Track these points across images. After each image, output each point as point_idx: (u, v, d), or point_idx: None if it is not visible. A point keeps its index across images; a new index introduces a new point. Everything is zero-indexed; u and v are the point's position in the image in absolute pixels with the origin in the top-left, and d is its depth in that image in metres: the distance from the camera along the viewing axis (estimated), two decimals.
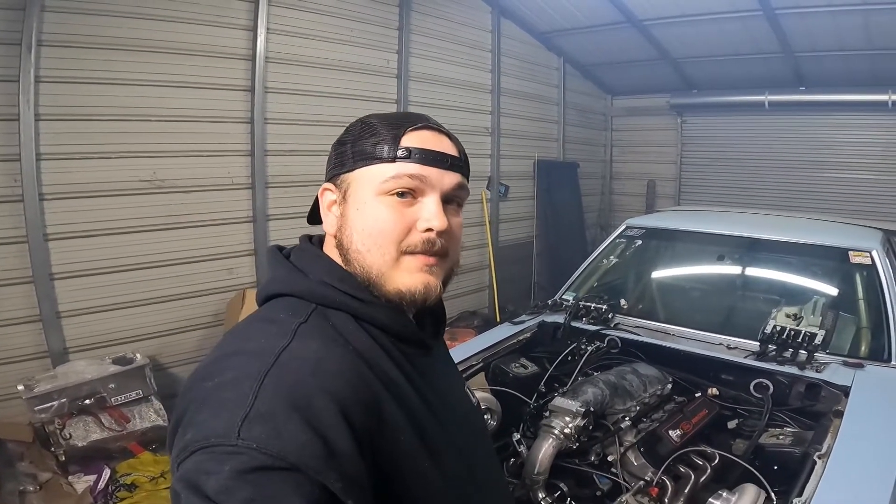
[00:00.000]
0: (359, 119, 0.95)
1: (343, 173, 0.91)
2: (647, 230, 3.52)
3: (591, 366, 2.47)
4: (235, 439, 0.66)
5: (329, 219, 0.94)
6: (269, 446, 0.66)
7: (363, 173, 0.89)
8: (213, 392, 0.73)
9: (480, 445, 1.08)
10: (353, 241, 0.89)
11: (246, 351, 0.78)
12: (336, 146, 0.94)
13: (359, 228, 0.88)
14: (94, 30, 3.60)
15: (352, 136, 0.92)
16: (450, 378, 1.07)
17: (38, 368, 3.47)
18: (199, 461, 0.67)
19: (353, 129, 0.94)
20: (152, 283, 3.99)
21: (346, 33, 5.00)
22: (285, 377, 0.73)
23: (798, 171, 7.20)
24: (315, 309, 0.85)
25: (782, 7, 5.44)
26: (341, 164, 0.91)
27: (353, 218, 0.89)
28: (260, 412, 0.68)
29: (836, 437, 1.73)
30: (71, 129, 3.59)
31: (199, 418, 0.71)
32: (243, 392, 0.70)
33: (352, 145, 0.91)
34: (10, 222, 3.41)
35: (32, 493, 2.94)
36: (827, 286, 2.97)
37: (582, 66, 7.85)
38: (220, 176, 4.32)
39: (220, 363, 0.78)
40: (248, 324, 0.87)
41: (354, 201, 0.89)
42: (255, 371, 0.73)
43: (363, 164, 0.89)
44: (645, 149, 8.44)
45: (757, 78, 6.87)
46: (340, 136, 0.95)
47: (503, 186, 6.77)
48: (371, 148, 0.89)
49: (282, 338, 0.78)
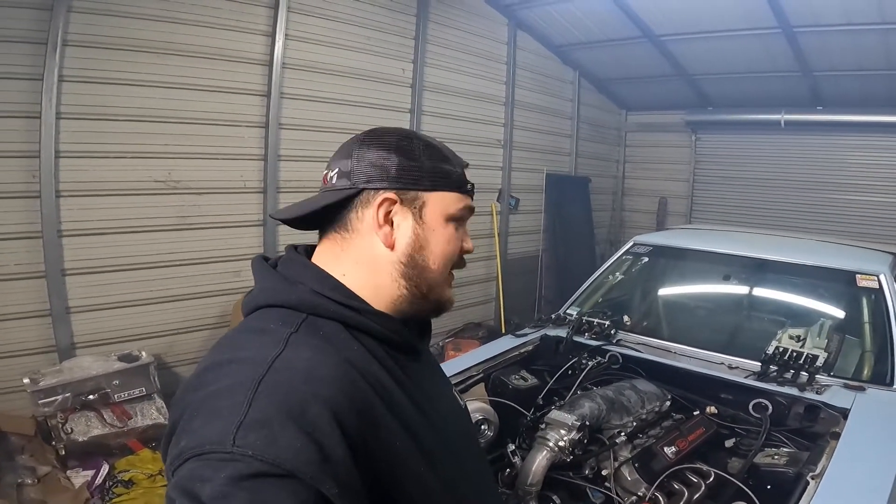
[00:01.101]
0: (409, 134, 0.96)
1: (418, 190, 0.93)
2: (654, 247, 3.51)
3: (591, 380, 2.46)
4: (231, 446, 0.67)
5: (385, 231, 0.91)
6: (264, 453, 0.66)
7: (441, 196, 0.94)
8: (206, 400, 0.74)
9: (471, 448, 1.10)
10: (428, 259, 0.93)
11: (239, 359, 0.78)
12: (400, 157, 0.92)
13: (434, 248, 0.94)
14: (117, 31, 3.69)
15: (420, 153, 0.93)
16: (438, 383, 1.09)
17: (45, 362, 3.54)
18: (194, 468, 0.67)
19: (416, 146, 0.94)
20: (161, 283, 4.06)
21: (362, 41, 5.07)
22: (279, 385, 0.73)
23: (812, 191, 7.15)
24: (305, 319, 0.85)
25: (801, 25, 5.42)
26: (415, 181, 0.92)
27: (430, 238, 0.93)
28: (255, 419, 0.69)
29: (831, 458, 1.72)
30: (90, 129, 3.67)
31: (193, 426, 0.72)
32: (237, 400, 0.71)
33: (428, 164, 0.93)
34: (25, 217, 3.49)
35: (30, 487, 2.96)
36: (833, 308, 2.94)
37: (597, 81, 7.87)
38: (233, 179, 4.39)
39: (213, 372, 0.78)
40: (237, 333, 0.87)
41: (431, 221, 0.93)
42: (248, 379, 0.73)
43: (443, 188, 0.95)
44: (658, 165, 8.42)
45: (773, 96, 6.84)
46: (398, 145, 0.93)
47: (514, 199, 6.78)
48: (447, 174, 0.95)
49: (274, 346, 0.79)
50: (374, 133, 0.95)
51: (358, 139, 0.95)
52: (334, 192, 0.93)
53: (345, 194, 0.92)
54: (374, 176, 0.91)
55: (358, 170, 0.91)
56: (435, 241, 0.94)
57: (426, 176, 0.93)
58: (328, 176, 0.95)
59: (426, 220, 0.93)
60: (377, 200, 0.91)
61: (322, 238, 0.97)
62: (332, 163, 0.96)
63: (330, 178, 0.94)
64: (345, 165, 0.93)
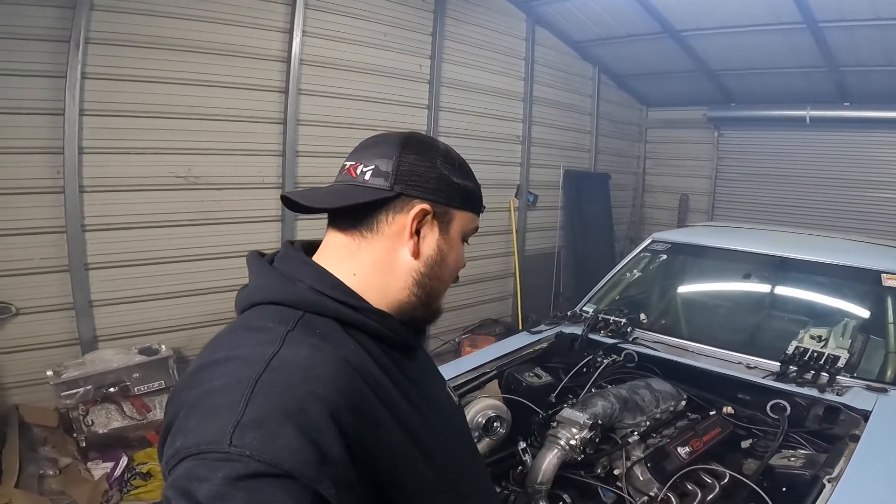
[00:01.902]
0: (449, 148, 0.98)
1: (451, 207, 0.95)
2: (672, 245, 3.47)
3: (605, 379, 2.45)
4: (228, 446, 0.66)
5: (414, 243, 0.92)
6: (262, 453, 0.66)
7: (464, 216, 0.97)
8: (202, 398, 0.73)
9: (467, 446, 1.10)
10: (444, 272, 0.96)
11: (235, 357, 0.77)
12: (443, 170, 0.93)
13: (449, 263, 0.97)
14: (139, 29, 3.74)
15: (457, 170, 0.96)
16: (433, 380, 1.08)
17: (68, 355, 3.61)
18: (190, 468, 0.67)
19: (455, 162, 0.96)
20: (181, 277, 4.12)
21: (380, 38, 5.07)
22: (277, 383, 0.72)
23: (838, 189, 6.99)
24: (302, 317, 0.84)
25: (827, 20, 5.29)
26: (450, 197, 0.94)
27: (448, 253, 0.96)
28: (252, 419, 0.68)
29: (849, 461, 1.68)
30: (112, 125, 3.73)
31: (189, 425, 0.71)
32: (234, 399, 0.70)
33: (461, 182, 0.96)
34: (50, 213, 3.56)
35: (52, 478, 3.01)
36: (858, 308, 2.87)
37: (617, 77, 7.78)
38: (251, 175, 4.43)
39: (208, 370, 0.78)
40: (232, 331, 0.86)
41: (450, 238, 0.96)
42: (245, 377, 0.72)
43: (469, 208, 0.98)
44: (679, 162, 8.31)
45: (798, 92, 6.70)
46: (442, 158, 0.94)
47: (532, 195, 6.74)
48: (473, 195, 0.99)
49: (271, 344, 0.78)
50: (417, 139, 0.95)
51: (400, 140, 0.93)
52: (368, 189, 0.90)
53: (381, 195, 0.90)
54: (416, 184, 0.91)
55: (399, 173, 0.90)
56: (451, 255, 0.97)
57: (460, 194, 0.96)
58: (357, 170, 0.92)
59: (450, 235, 0.96)
60: (414, 209, 0.90)
61: (335, 231, 0.95)
62: (364, 158, 0.93)
63: (360, 173, 0.91)
64: (384, 165, 0.90)
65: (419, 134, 0.98)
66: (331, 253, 0.94)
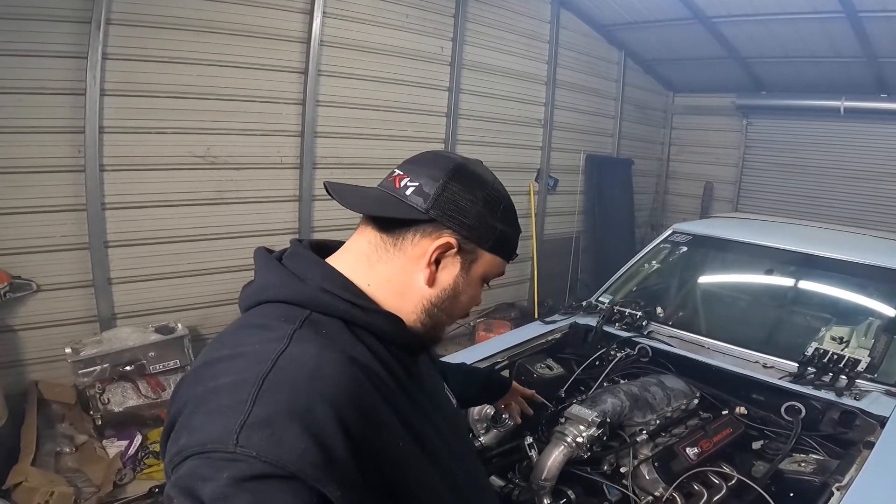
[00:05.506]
0: (500, 188, 0.95)
1: (480, 247, 0.92)
2: (693, 237, 3.38)
3: (618, 373, 2.42)
4: (233, 446, 0.66)
5: (430, 271, 0.90)
6: (268, 454, 0.65)
7: (491, 259, 0.95)
8: (208, 396, 0.73)
9: (466, 446, 1.10)
10: (455, 308, 0.95)
11: (242, 354, 0.77)
12: (483, 209, 0.91)
13: (462, 300, 0.95)
14: (159, 10, 3.74)
15: (500, 213, 0.93)
16: (434, 381, 1.08)
17: (87, 332, 3.68)
18: (194, 467, 0.67)
19: (499, 205, 0.93)
20: (198, 256, 4.16)
21: (401, 19, 5.01)
22: (284, 383, 0.72)
23: (870, 183, 6.77)
24: (309, 316, 0.83)
25: (867, 10, 5.11)
26: (482, 238, 0.91)
27: (464, 290, 0.94)
28: (259, 418, 0.68)
29: (861, 468, 1.63)
30: (132, 105, 3.75)
31: (194, 423, 0.71)
32: (241, 398, 0.70)
33: (499, 227, 0.93)
34: (71, 191, 3.61)
35: (68, 455, 3.06)
36: (884, 308, 2.78)
37: (643, 62, 7.60)
38: (270, 155, 4.44)
39: (213, 367, 0.77)
40: (238, 329, 0.85)
41: (471, 277, 0.94)
42: (252, 375, 0.72)
43: (499, 253, 0.95)
44: (705, 149, 8.12)
45: (833, 82, 6.48)
46: (487, 197, 0.92)
47: (552, 179, 6.67)
48: (508, 241, 0.96)
49: (277, 342, 0.77)
50: (469, 170, 0.92)
51: (453, 166, 0.91)
52: (404, 205, 0.89)
53: (414, 215, 0.88)
54: (451, 214, 0.89)
55: (439, 200, 0.88)
56: (466, 295, 0.95)
57: (494, 236, 0.92)
58: (401, 181, 0.90)
59: (470, 273, 0.93)
60: (440, 239, 0.89)
61: (363, 233, 0.93)
62: (413, 172, 0.91)
63: (403, 186, 0.89)
64: (428, 186, 0.88)
65: (477, 165, 0.95)
66: (350, 258, 0.92)
